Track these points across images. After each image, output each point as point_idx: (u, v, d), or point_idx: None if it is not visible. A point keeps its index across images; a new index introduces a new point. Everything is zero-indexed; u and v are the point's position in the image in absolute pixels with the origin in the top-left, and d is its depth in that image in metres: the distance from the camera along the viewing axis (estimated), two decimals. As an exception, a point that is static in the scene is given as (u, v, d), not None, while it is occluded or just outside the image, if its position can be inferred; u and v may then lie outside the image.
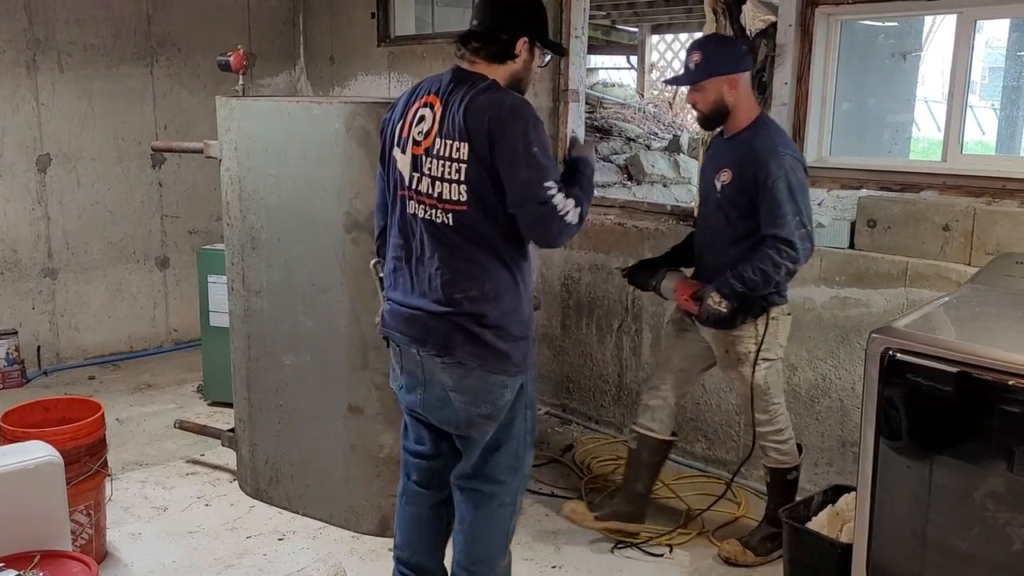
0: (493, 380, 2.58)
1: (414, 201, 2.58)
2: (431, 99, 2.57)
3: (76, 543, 3.17)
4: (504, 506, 2.76)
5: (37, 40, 5.40)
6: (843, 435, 3.78)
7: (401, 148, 2.61)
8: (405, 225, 2.63)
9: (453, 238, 2.53)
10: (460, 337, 2.54)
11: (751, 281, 3.12)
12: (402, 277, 2.65)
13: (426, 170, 2.53)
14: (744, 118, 3.27)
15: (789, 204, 3.09)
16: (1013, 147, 6.30)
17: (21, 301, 5.53)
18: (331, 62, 6.35)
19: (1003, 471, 2.33)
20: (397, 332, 2.67)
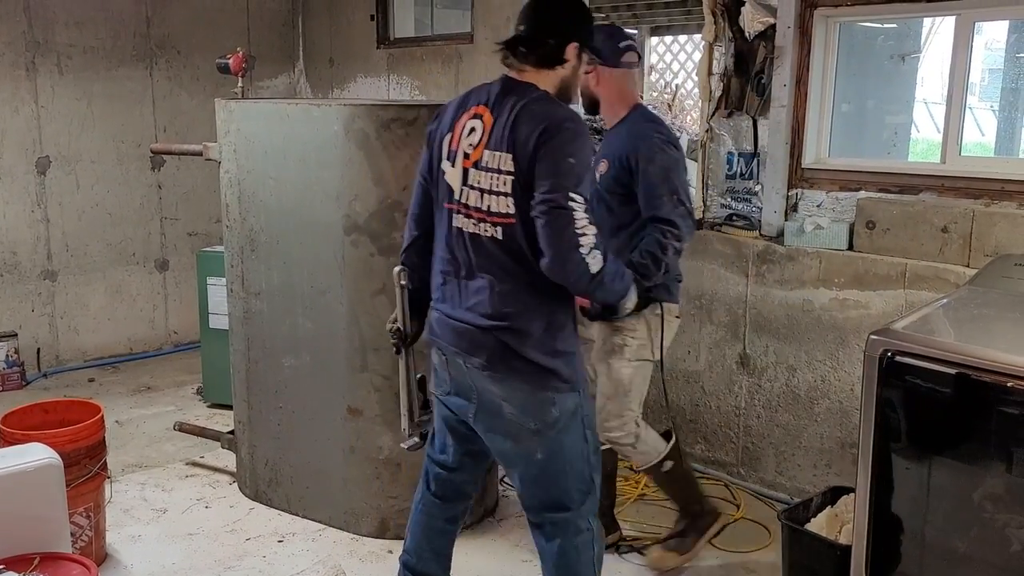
0: (541, 396, 2.52)
1: (462, 215, 2.53)
2: (480, 110, 2.52)
3: (76, 545, 3.17)
4: (582, 532, 2.64)
5: (36, 42, 5.40)
6: (842, 436, 3.78)
7: (451, 161, 2.56)
8: (452, 239, 2.57)
9: (500, 252, 2.47)
10: (507, 354, 2.49)
11: (640, 266, 2.97)
12: (450, 291, 2.60)
13: (475, 183, 2.48)
14: (618, 110, 3.24)
15: (664, 184, 3.04)
16: (1012, 149, 6.29)
17: (21, 303, 5.53)
18: (330, 64, 6.35)
19: (1001, 472, 2.34)
20: (444, 341, 2.62)
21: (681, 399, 4.37)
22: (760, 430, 4.06)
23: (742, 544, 3.65)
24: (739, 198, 4.13)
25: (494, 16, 5.06)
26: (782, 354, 3.94)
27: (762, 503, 3.98)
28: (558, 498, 2.61)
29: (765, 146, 4.00)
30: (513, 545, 3.65)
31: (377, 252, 3.44)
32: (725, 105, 4.11)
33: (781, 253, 3.89)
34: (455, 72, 5.36)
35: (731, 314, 4.10)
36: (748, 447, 4.12)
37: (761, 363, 4.02)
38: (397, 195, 3.40)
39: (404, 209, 3.37)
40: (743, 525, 3.81)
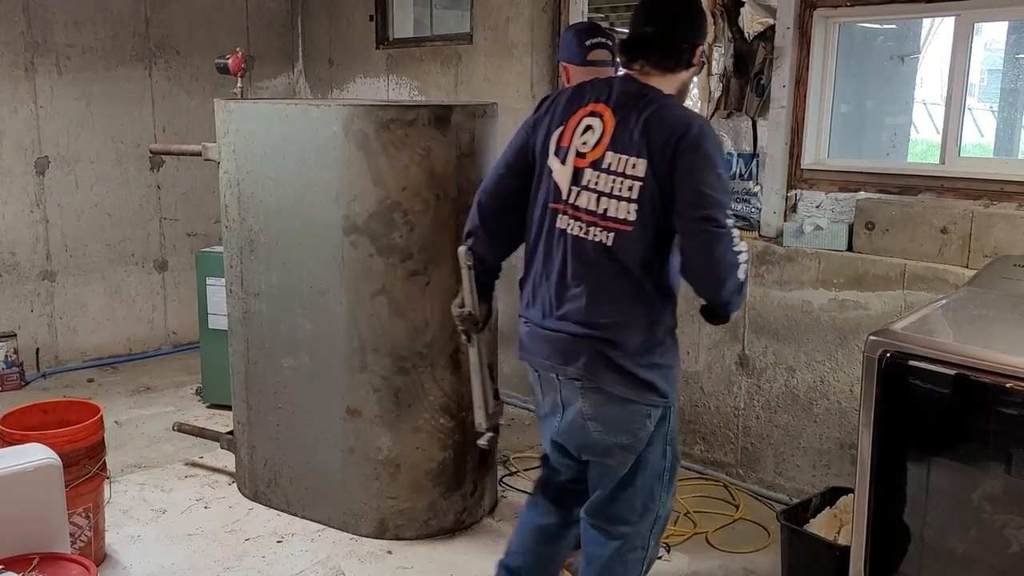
0: (634, 409, 2.45)
1: (567, 216, 2.44)
2: (599, 108, 2.43)
3: (75, 545, 3.17)
4: (634, 550, 2.57)
5: (35, 42, 5.40)
6: (841, 437, 3.78)
7: (560, 158, 2.45)
8: (552, 240, 2.48)
9: (605, 259, 2.39)
10: (602, 364, 2.41)
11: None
12: (542, 294, 2.52)
13: (591, 184, 2.40)
14: None
15: None
16: (1011, 150, 6.30)
17: (20, 303, 5.53)
18: (330, 64, 6.35)
19: (1000, 473, 2.34)
20: (536, 356, 2.55)
21: (680, 400, 4.36)
22: (759, 431, 4.07)
23: (741, 545, 3.65)
24: (738, 199, 4.13)
25: (493, 16, 5.06)
26: (781, 355, 3.94)
27: (761, 504, 3.99)
28: (620, 511, 2.56)
29: (764, 147, 4.00)
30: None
31: (376, 252, 3.44)
32: (724, 106, 4.11)
33: (780, 254, 3.89)
34: (454, 72, 5.36)
35: (730, 315, 4.10)
36: (747, 448, 4.13)
37: (760, 364, 4.02)
38: (396, 195, 3.40)
39: (403, 210, 3.40)
40: (742, 526, 3.81)
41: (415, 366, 3.53)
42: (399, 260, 3.45)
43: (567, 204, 2.45)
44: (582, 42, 3.25)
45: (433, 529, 3.68)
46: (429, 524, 3.68)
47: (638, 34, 2.49)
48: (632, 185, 2.34)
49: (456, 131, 3.47)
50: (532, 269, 2.56)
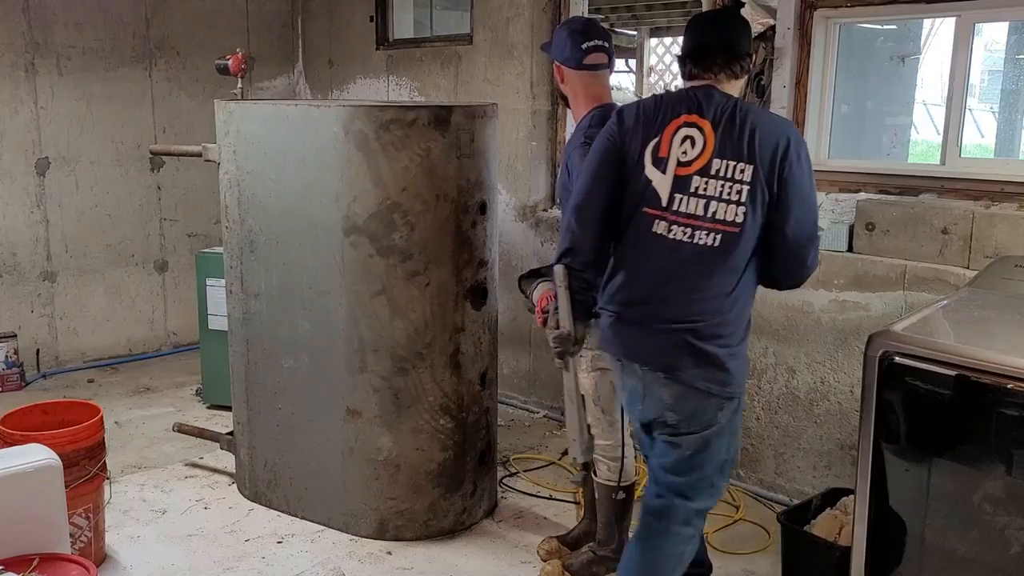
0: (711, 401, 2.57)
1: (666, 222, 2.54)
2: (694, 119, 2.55)
3: (75, 546, 3.17)
4: (690, 525, 2.70)
5: (36, 43, 5.40)
6: (842, 438, 3.77)
7: (660, 168, 2.56)
8: (647, 244, 2.58)
9: (708, 260, 2.51)
10: (691, 358, 2.52)
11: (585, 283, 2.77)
12: (637, 295, 2.61)
13: (699, 190, 2.51)
14: (580, 110, 3.19)
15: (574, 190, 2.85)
16: (1012, 150, 6.30)
17: (20, 304, 5.53)
18: (330, 65, 6.35)
19: (1001, 474, 2.33)
20: (621, 347, 2.66)
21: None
22: (759, 431, 4.06)
23: (741, 546, 3.65)
24: (739, 199, 4.12)
25: (493, 17, 5.06)
26: (781, 356, 3.94)
27: (761, 505, 3.98)
28: (685, 488, 2.67)
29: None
30: (513, 546, 3.65)
31: (376, 253, 3.44)
32: (725, 106, 4.11)
33: (781, 254, 3.89)
34: (454, 73, 5.36)
35: (731, 315, 4.10)
36: (747, 448, 4.12)
37: (760, 365, 4.02)
38: (396, 196, 3.40)
39: (403, 210, 3.40)
40: (742, 527, 3.81)
41: (415, 367, 3.53)
42: (399, 261, 3.45)
43: (667, 211, 2.55)
44: (577, 44, 3.13)
45: (433, 530, 3.68)
46: (429, 525, 3.68)
47: (707, 44, 2.64)
48: (741, 189, 2.48)
49: (456, 132, 3.47)
50: (625, 271, 2.64)
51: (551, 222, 4.89)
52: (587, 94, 3.19)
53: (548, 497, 4.06)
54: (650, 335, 2.58)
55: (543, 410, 5.05)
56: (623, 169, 2.63)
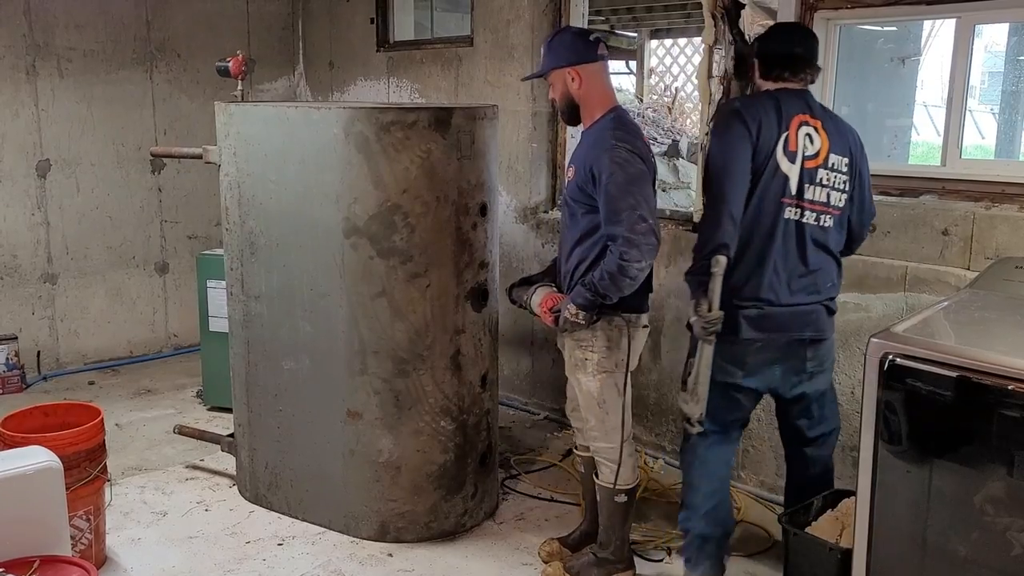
0: (831, 343, 3.19)
1: (795, 208, 2.97)
2: (806, 118, 3.00)
3: (75, 548, 3.17)
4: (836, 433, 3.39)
5: (37, 45, 5.41)
6: (843, 440, 3.76)
7: (790, 160, 2.96)
8: (781, 229, 2.97)
9: (826, 239, 3.04)
10: (828, 320, 3.10)
11: (601, 286, 2.98)
12: (776, 277, 3.00)
13: (823, 181, 2.99)
14: (595, 112, 3.16)
15: (626, 199, 2.94)
16: (1012, 152, 6.29)
17: (21, 306, 5.53)
18: (330, 67, 6.35)
19: (1003, 476, 2.33)
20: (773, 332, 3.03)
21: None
22: (761, 433, 4.06)
23: (743, 547, 3.65)
24: (739, 201, 4.12)
25: (494, 19, 5.07)
26: (782, 357, 3.93)
27: (763, 506, 3.98)
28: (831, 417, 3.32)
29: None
30: (514, 548, 3.64)
31: (377, 255, 3.44)
32: (725, 108, 4.11)
33: (781, 256, 3.88)
34: (455, 75, 5.37)
35: (731, 317, 4.10)
36: (748, 450, 4.12)
37: (761, 366, 4.01)
38: (396, 198, 3.40)
39: (403, 212, 3.40)
40: (744, 528, 3.81)
41: (416, 368, 3.53)
42: (399, 262, 3.45)
43: (798, 199, 2.98)
44: (586, 39, 3.18)
45: (434, 532, 3.68)
46: (430, 527, 3.68)
47: (793, 54, 3.08)
48: (845, 180, 3.05)
49: (457, 133, 3.47)
50: (761, 256, 2.98)
51: (552, 224, 4.89)
52: (603, 92, 3.19)
53: (549, 499, 4.05)
54: (800, 311, 3.04)
55: (544, 411, 5.05)
56: (753, 164, 2.95)
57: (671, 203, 6.60)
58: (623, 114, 3.22)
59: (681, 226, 4.33)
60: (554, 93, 3.24)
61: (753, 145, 2.92)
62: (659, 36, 9.37)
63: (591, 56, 3.16)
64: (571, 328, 3.12)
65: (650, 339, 4.46)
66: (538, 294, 3.33)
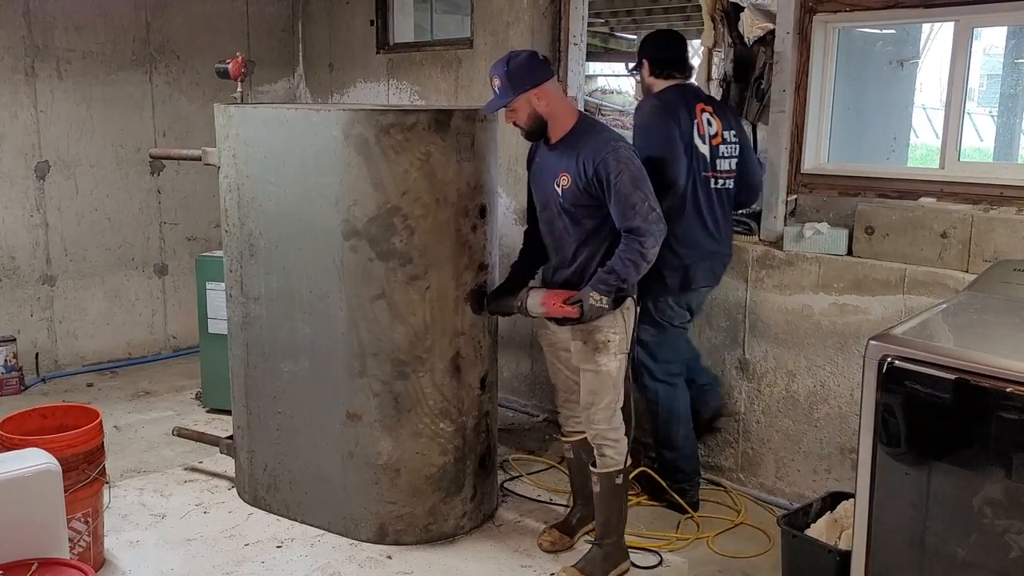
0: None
1: (713, 176, 3.73)
2: (704, 106, 3.75)
3: (74, 551, 3.16)
4: None
5: (36, 47, 5.41)
6: (842, 442, 3.77)
7: (703, 140, 3.69)
8: (706, 195, 3.72)
9: (730, 197, 3.85)
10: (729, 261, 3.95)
11: (624, 273, 3.18)
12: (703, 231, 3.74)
13: (725, 154, 3.76)
14: (565, 123, 3.32)
15: (636, 194, 3.18)
16: (1011, 154, 6.31)
17: (19, 308, 5.53)
18: (330, 69, 6.35)
19: (1001, 478, 2.33)
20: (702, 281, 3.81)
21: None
22: (760, 435, 4.06)
23: (742, 549, 3.65)
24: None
25: (493, 21, 5.07)
26: (781, 359, 3.94)
27: (762, 508, 3.98)
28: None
29: (765, 151, 4.00)
30: (513, 551, 3.64)
31: (376, 257, 3.44)
32: (724, 110, 4.12)
33: (780, 258, 3.90)
34: (455, 77, 5.37)
35: (730, 319, 4.10)
36: (748, 452, 4.12)
37: (760, 368, 4.02)
38: (396, 200, 3.40)
39: (403, 214, 3.40)
40: (743, 530, 3.81)
41: (415, 371, 3.53)
42: (399, 265, 3.45)
43: (714, 170, 3.74)
44: (539, 59, 3.32)
45: (433, 534, 3.68)
46: (429, 529, 3.67)
47: (681, 56, 3.84)
48: (736, 148, 3.82)
49: (456, 135, 3.47)
50: (706, 219, 3.74)
51: (551, 226, 4.88)
52: (566, 103, 3.40)
53: (548, 501, 4.05)
54: (720, 255, 3.86)
55: (543, 413, 5.05)
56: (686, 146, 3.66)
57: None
58: (594, 120, 3.51)
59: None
60: (516, 117, 3.32)
61: (678, 131, 3.62)
62: (658, 38, 9.37)
63: (548, 73, 3.33)
64: (597, 315, 3.24)
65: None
66: (534, 296, 3.41)
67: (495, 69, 3.31)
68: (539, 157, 3.46)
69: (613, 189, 3.18)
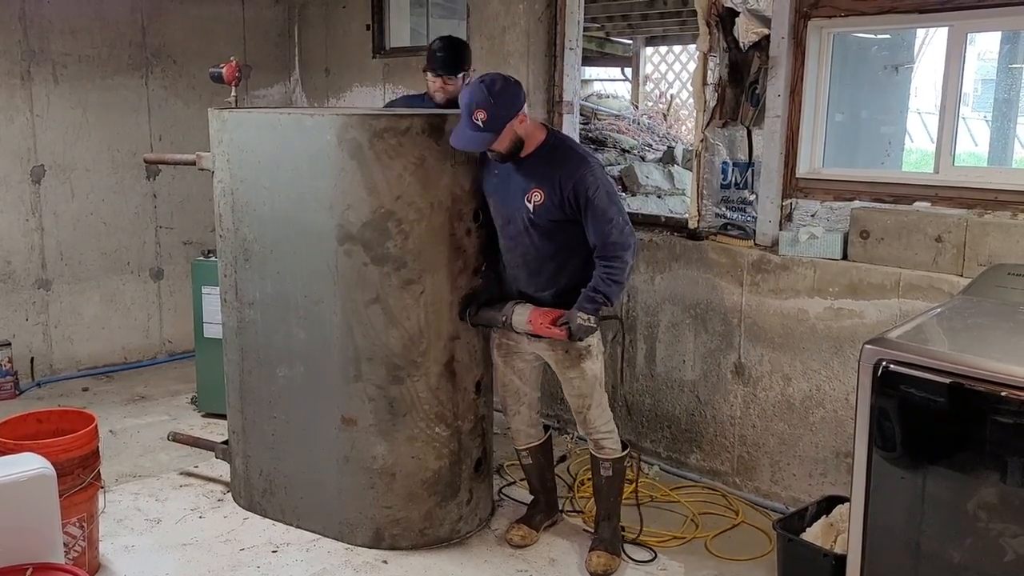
0: None
1: None
2: None
3: (69, 556, 3.16)
4: None
5: (32, 51, 5.41)
6: (837, 446, 3.78)
7: None
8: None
9: None
10: None
11: (608, 291, 3.29)
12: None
13: None
14: (537, 138, 3.36)
15: (612, 208, 3.27)
16: (1005, 159, 6.32)
17: (14, 312, 5.52)
18: (326, 73, 6.36)
19: (996, 482, 2.34)
20: None
21: (676, 408, 4.37)
22: (755, 439, 4.06)
23: (738, 553, 3.65)
24: (734, 208, 4.14)
25: (489, 26, 5.07)
26: (777, 363, 3.94)
27: (758, 512, 3.98)
28: None
29: (759, 156, 4.01)
30: (509, 555, 3.64)
31: (371, 262, 3.44)
32: (720, 115, 4.12)
33: (776, 262, 3.90)
34: (450, 82, 5.36)
35: (726, 323, 4.11)
36: (743, 456, 4.12)
37: (756, 372, 4.02)
38: (390, 204, 3.40)
39: (397, 219, 3.41)
40: (739, 534, 3.81)
41: (410, 375, 3.53)
42: (393, 269, 3.45)
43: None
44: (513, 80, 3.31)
45: (429, 539, 3.68)
46: (425, 534, 3.67)
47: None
48: None
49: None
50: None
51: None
52: (534, 120, 3.43)
53: (544, 505, 4.05)
54: None
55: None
56: None
57: (666, 209, 6.60)
58: (558, 132, 3.62)
59: (676, 233, 4.32)
60: (500, 146, 3.27)
61: None
62: (654, 43, 9.38)
63: (524, 93, 3.32)
64: (585, 335, 3.34)
65: (645, 345, 4.47)
66: (520, 313, 3.45)
67: (476, 100, 3.18)
68: (499, 171, 3.41)
69: (591, 205, 3.24)
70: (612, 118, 8.05)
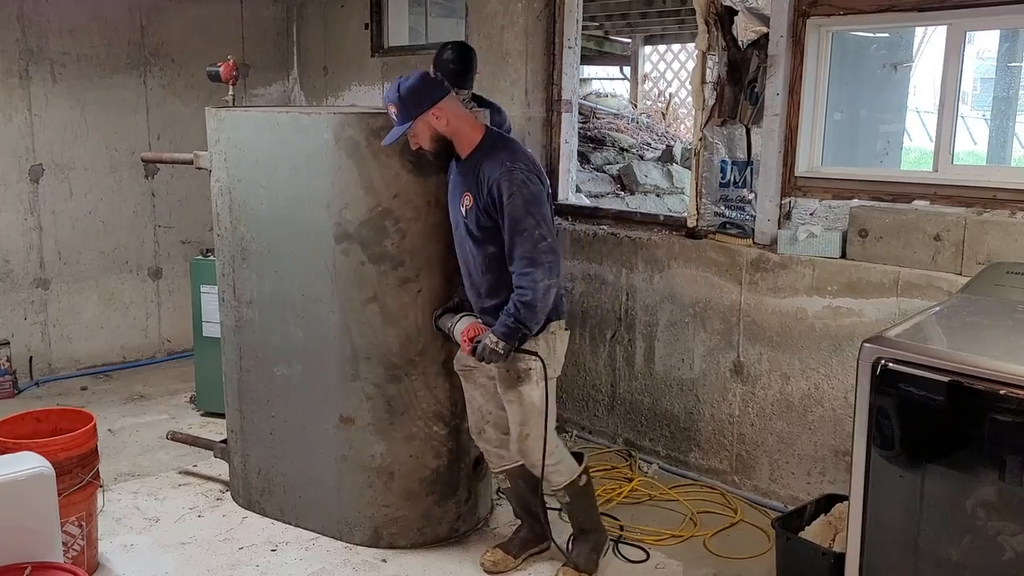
0: None
1: None
2: None
3: (68, 555, 3.16)
4: None
5: (30, 50, 5.40)
6: (836, 444, 3.78)
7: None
8: None
9: None
10: None
11: (520, 316, 3.07)
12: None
13: None
14: (471, 139, 3.21)
15: (527, 219, 3.04)
16: (1004, 157, 6.32)
17: (13, 311, 5.52)
18: (325, 72, 6.35)
19: (994, 480, 2.34)
20: None
21: (675, 407, 4.37)
22: (754, 438, 4.06)
23: (737, 551, 3.65)
24: (732, 206, 4.14)
25: (488, 25, 5.07)
26: (776, 362, 3.94)
27: (757, 511, 3.98)
28: None
29: (758, 154, 4.00)
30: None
31: (368, 260, 3.43)
32: (718, 114, 4.12)
33: (774, 261, 3.90)
34: (449, 80, 5.36)
35: (725, 322, 4.11)
36: (742, 455, 4.12)
37: (755, 371, 4.02)
38: (387, 203, 3.40)
39: (394, 217, 3.41)
40: (738, 533, 3.81)
41: (407, 374, 3.53)
42: (391, 268, 3.44)
43: None
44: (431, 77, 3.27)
45: (427, 537, 3.67)
46: (423, 532, 3.67)
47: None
48: None
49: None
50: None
51: (545, 229, 4.89)
52: (468, 118, 3.25)
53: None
54: None
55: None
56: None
57: (665, 208, 6.60)
58: (502, 134, 3.34)
59: (675, 231, 4.33)
60: (419, 140, 3.22)
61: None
62: (653, 42, 9.38)
63: (444, 90, 3.20)
64: (492, 359, 3.14)
65: (644, 344, 4.47)
66: (462, 323, 3.37)
67: (388, 96, 3.18)
68: (452, 175, 3.34)
69: (503, 212, 3.05)
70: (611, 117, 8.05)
